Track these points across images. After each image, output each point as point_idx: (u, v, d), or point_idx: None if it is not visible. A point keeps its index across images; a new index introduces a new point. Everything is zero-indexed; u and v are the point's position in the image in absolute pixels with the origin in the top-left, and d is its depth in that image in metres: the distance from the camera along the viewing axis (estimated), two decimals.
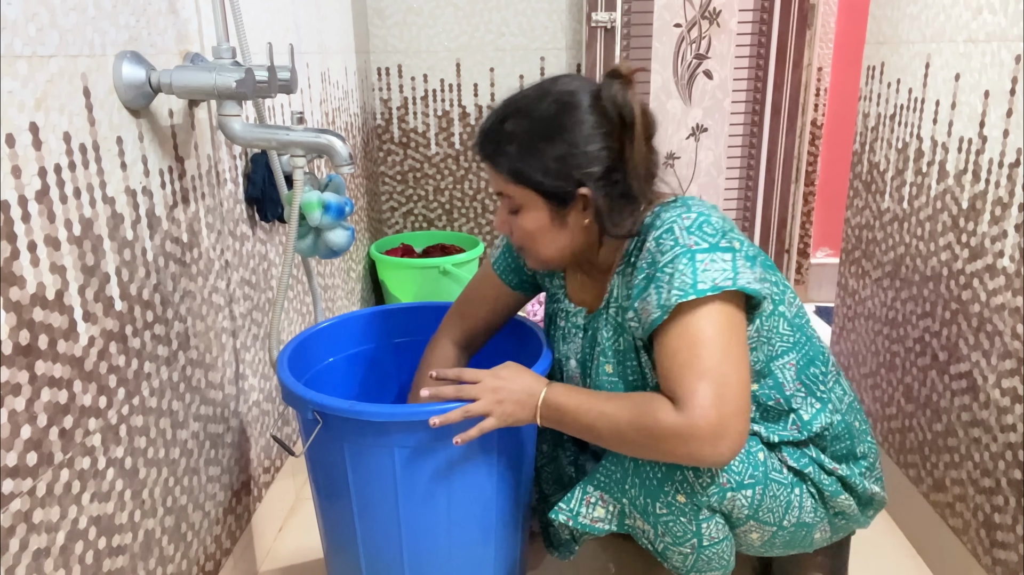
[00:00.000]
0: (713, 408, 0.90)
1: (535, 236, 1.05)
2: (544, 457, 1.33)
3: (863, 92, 1.74)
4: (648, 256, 1.00)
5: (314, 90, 1.83)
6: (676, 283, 0.94)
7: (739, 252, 0.98)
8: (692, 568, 1.05)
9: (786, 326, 1.06)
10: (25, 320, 0.77)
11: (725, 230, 0.99)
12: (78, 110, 0.86)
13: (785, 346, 1.06)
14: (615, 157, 1.00)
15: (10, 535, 0.76)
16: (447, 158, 2.69)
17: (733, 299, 0.96)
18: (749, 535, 1.06)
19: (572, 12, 2.52)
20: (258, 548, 1.44)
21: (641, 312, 0.99)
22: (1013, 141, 1.18)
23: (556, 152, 0.99)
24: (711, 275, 0.94)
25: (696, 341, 0.93)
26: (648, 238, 1.01)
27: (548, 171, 1.00)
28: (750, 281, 0.97)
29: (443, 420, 1.00)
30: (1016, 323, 1.17)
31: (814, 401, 1.09)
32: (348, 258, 2.23)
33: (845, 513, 1.11)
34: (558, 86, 1.03)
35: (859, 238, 1.76)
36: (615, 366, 1.08)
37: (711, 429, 0.90)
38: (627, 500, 1.05)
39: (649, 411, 0.94)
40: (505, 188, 1.04)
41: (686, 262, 0.95)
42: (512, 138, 1.02)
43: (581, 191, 1.00)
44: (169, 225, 1.08)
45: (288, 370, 1.13)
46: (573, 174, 0.99)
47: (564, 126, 0.99)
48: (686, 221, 0.98)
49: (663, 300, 0.95)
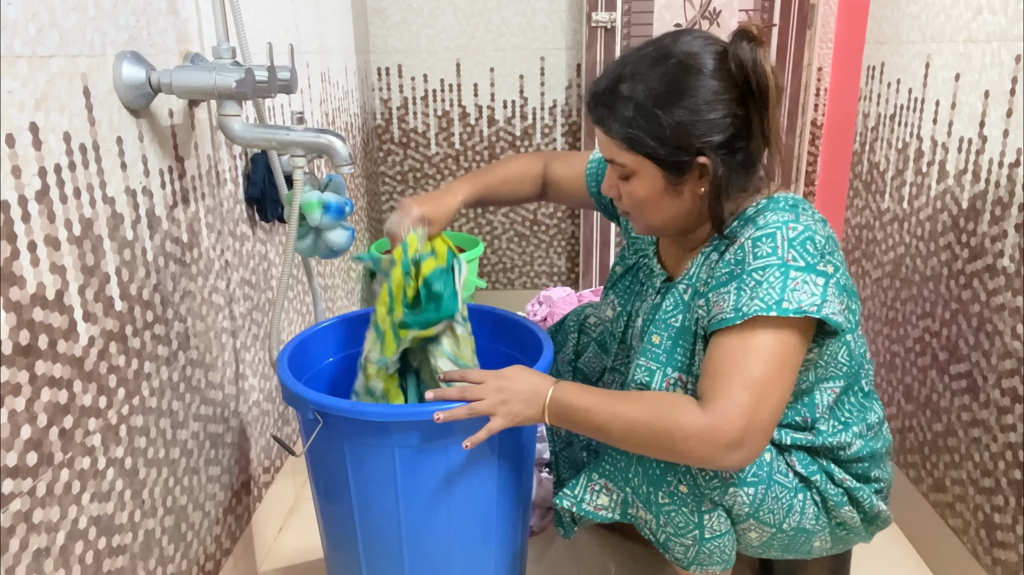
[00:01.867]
0: (743, 417, 0.89)
1: (646, 204, 1.02)
2: (561, 442, 1.33)
3: (863, 92, 1.74)
4: (740, 253, 0.96)
5: (314, 90, 1.83)
6: (761, 293, 0.92)
7: (832, 278, 0.94)
8: (693, 561, 1.05)
9: (846, 355, 1.04)
10: (25, 320, 0.77)
11: (825, 251, 0.95)
12: (78, 110, 0.86)
13: (837, 373, 1.04)
14: (739, 124, 0.95)
15: (10, 535, 0.76)
16: (447, 158, 2.69)
17: (808, 326, 0.94)
18: (748, 534, 1.06)
19: (572, 12, 2.52)
20: (258, 548, 1.44)
21: (713, 306, 0.97)
22: (1013, 141, 1.18)
23: (675, 119, 0.94)
24: (799, 296, 0.91)
25: (755, 352, 0.91)
26: (745, 233, 0.97)
27: (666, 139, 0.95)
28: (835, 312, 0.94)
29: (448, 416, 0.99)
30: (1016, 323, 1.17)
31: (837, 423, 1.07)
32: (348, 258, 2.23)
33: (847, 525, 1.09)
34: (679, 46, 0.96)
35: (859, 238, 1.76)
36: (663, 339, 1.05)
37: (734, 435, 0.89)
38: (630, 489, 1.05)
39: (670, 412, 0.93)
40: (618, 155, 1.00)
41: (778, 275, 0.92)
42: (628, 103, 0.96)
43: (700, 160, 0.96)
44: (169, 225, 1.08)
45: (288, 370, 1.13)
46: (692, 142, 0.95)
47: (685, 91, 0.94)
48: (791, 232, 0.94)
49: (741, 304, 0.92)
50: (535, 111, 2.60)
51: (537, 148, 2.63)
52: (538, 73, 2.57)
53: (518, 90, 2.59)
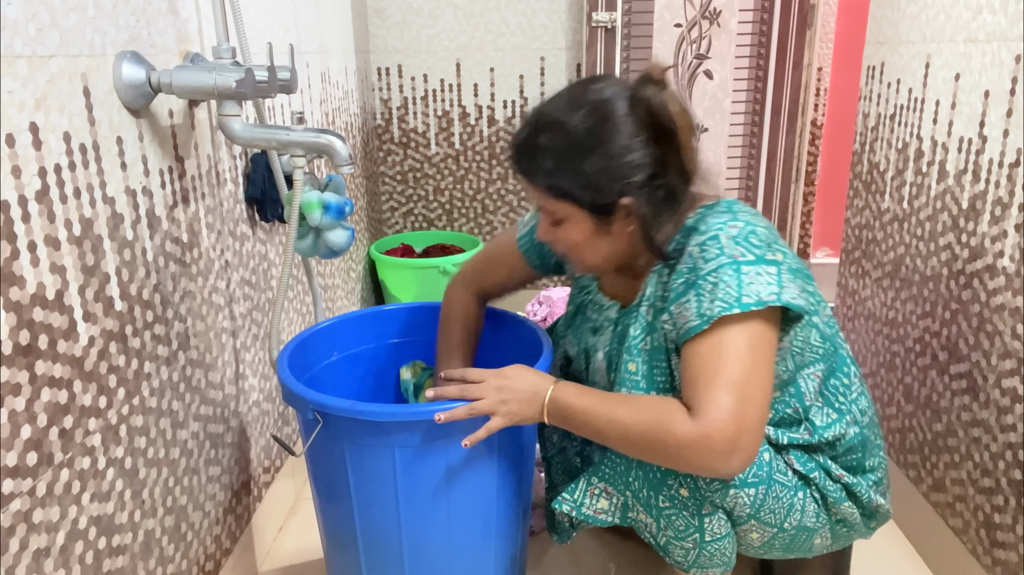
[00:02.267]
0: (732, 422, 0.90)
1: (581, 246, 1.05)
2: (554, 447, 1.33)
3: (863, 92, 1.74)
4: (690, 261, 0.98)
5: (314, 90, 1.83)
6: (720, 294, 0.93)
7: (783, 265, 0.97)
8: (694, 564, 1.05)
9: (818, 337, 1.05)
10: (25, 320, 0.77)
11: (770, 241, 0.98)
12: (78, 110, 0.86)
13: (815, 357, 1.06)
14: (656, 163, 0.98)
15: (10, 535, 0.76)
16: (447, 158, 2.69)
17: (772, 315, 0.96)
18: (749, 535, 1.06)
19: (572, 12, 2.52)
20: (258, 548, 1.44)
21: (678, 317, 0.98)
22: (1013, 141, 1.18)
23: (595, 166, 0.97)
24: (756, 289, 0.93)
25: (729, 354, 0.92)
26: (690, 242, 0.99)
27: (588, 185, 0.98)
28: (794, 296, 0.96)
29: (448, 416, 1.00)
30: (1016, 323, 1.17)
31: (831, 411, 1.08)
32: (348, 258, 2.23)
33: (847, 521, 1.09)
34: (590, 94, 0.99)
35: (859, 238, 1.76)
36: (639, 365, 1.07)
37: (727, 442, 0.90)
38: (630, 493, 1.05)
39: (664, 420, 0.93)
40: (545, 203, 1.03)
41: (731, 273, 0.94)
42: (548, 153, 0.99)
43: (623, 201, 0.98)
44: (169, 225, 1.08)
45: (288, 370, 1.13)
46: (614, 186, 0.98)
47: (601, 138, 0.97)
48: (733, 230, 0.97)
49: (704, 309, 0.94)
50: None
51: None
52: (538, 73, 2.57)
53: (518, 90, 2.59)
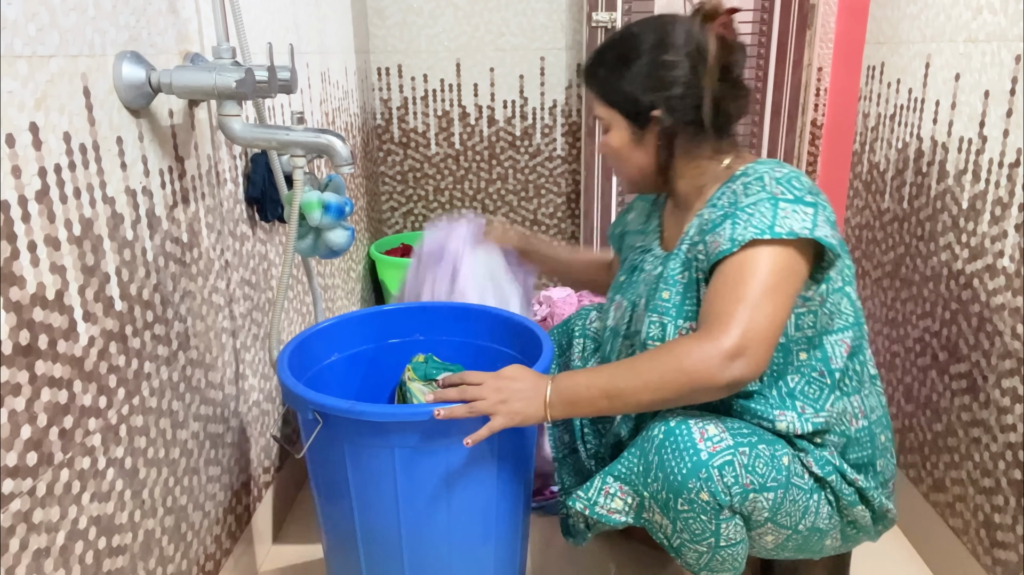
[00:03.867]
0: (739, 324, 0.94)
1: (620, 154, 1.14)
2: (565, 448, 1.33)
3: (863, 92, 1.74)
4: (732, 196, 1.04)
5: (314, 90, 1.83)
6: (755, 222, 0.98)
7: (820, 208, 1.01)
8: (705, 567, 1.05)
9: (849, 306, 1.09)
10: (25, 320, 0.77)
11: (813, 190, 1.03)
12: (78, 110, 0.86)
13: (844, 324, 1.09)
14: (690, 88, 1.06)
15: (10, 535, 0.76)
16: (447, 158, 2.69)
17: (803, 251, 1.00)
18: (764, 538, 1.06)
19: (572, 12, 2.52)
20: (258, 548, 1.44)
21: (711, 244, 1.03)
22: (1013, 141, 1.18)
23: (636, 75, 1.07)
24: (790, 222, 0.98)
25: (749, 273, 0.97)
26: (735, 183, 1.06)
27: (628, 92, 1.08)
28: (827, 235, 0.99)
29: (448, 412, 1.00)
30: (1016, 323, 1.17)
31: (856, 384, 1.12)
32: (348, 258, 2.23)
33: (858, 523, 1.10)
34: (649, 22, 1.11)
35: (859, 238, 1.76)
36: (672, 294, 1.10)
37: (731, 343, 0.94)
38: (648, 494, 1.04)
39: (669, 347, 0.99)
40: (597, 108, 1.14)
41: (768, 206, 0.99)
42: (603, 62, 1.12)
43: (655, 113, 1.07)
44: (169, 225, 1.08)
45: (288, 370, 1.13)
46: (648, 96, 1.07)
47: (647, 50, 1.07)
48: (777, 173, 1.03)
49: (736, 234, 0.99)
50: (535, 111, 2.60)
51: (537, 148, 2.63)
52: (538, 73, 2.57)
53: (518, 90, 2.59)
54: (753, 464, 1.01)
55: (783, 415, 1.07)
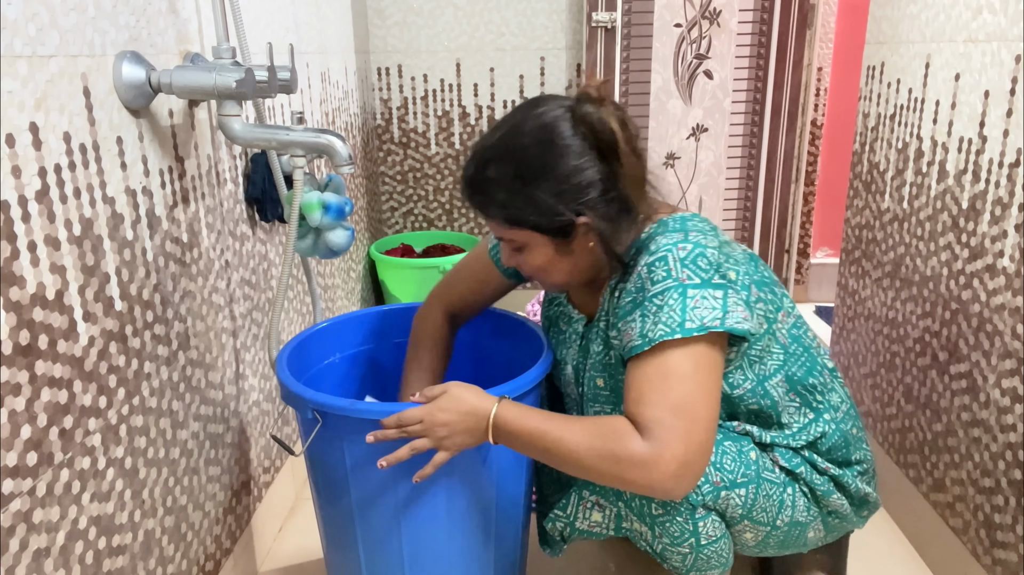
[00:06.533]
0: (681, 443, 0.89)
1: (546, 268, 1.05)
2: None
3: (863, 92, 1.74)
4: (638, 280, 0.98)
5: (314, 90, 1.83)
6: (663, 317, 0.93)
7: (732, 287, 0.97)
8: (692, 567, 1.06)
9: (777, 345, 1.06)
10: (25, 320, 0.77)
11: (719, 263, 0.97)
12: (78, 110, 0.86)
13: (776, 364, 1.07)
14: (606, 178, 0.98)
15: (10, 535, 0.76)
16: (447, 158, 2.69)
17: (718, 337, 0.96)
18: (743, 535, 1.06)
19: (572, 12, 2.52)
20: (258, 548, 1.44)
21: (624, 334, 0.98)
22: (1013, 141, 1.18)
23: (547, 191, 0.97)
24: (700, 313, 0.93)
25: (673, 375, 0.92)
26: (640, 261, 0.99)
27: (544, 211, 0.98)
28: (739, 320, 0.96)
29: (391, 460, 0.99)
30: (1016, 323, 1.17)
31: (808, 411, 1.10)
32: (348, 258, 2.23)
33: (838, 512, 1.11)
34: (531, 120, 0.99)
35: (859, 238, 1.76)
36: (606, 380, 1.09)
37: (676, 463, 0.89)
38: (623, 503, 1.06)
39: (615, 438, 0.91)
40: (505, 232, 1.03)
41: (676, 297, 0.94)
42: (499, 184, 1.00)
43: (581, 220, 0.98)
44: (169, 225, 1.08)
45: (288, 370, 1.13)
46: (569, 207, 0.97)
47: (549, 163, 0.97)
48: (681, 252, 0.96)
49: (647, 330, 0.94)
50: None
51: None
52: (538, 73, 2.57)
53: (518, 90, 2.59)
54: (721, 461, 1.02)
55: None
